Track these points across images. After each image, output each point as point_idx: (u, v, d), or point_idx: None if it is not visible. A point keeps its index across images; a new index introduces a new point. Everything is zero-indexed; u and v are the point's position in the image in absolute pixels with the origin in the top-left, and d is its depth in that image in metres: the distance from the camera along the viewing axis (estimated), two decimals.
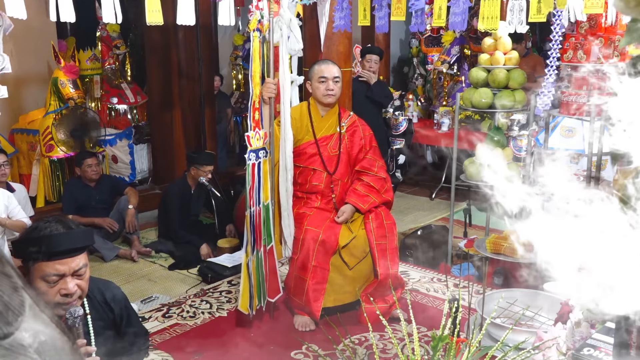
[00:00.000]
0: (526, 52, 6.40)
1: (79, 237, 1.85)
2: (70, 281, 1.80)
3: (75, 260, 1.81)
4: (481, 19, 3.32)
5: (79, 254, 1.83)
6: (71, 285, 1.80)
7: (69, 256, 1.80)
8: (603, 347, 1.60)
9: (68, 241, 1.80)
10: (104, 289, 2.07)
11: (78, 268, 1.82)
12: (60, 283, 1.79)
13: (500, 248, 3.60)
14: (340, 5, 4.08)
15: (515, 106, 4.08)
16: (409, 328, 1.84)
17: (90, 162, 4.95)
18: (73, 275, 1.81)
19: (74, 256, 1.81)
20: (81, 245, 1.85)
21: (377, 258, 3.49)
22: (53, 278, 1.78)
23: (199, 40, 5.91)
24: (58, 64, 5.45)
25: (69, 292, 1.80)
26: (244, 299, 3.39)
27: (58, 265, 1.78)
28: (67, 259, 1.79)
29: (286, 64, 3.41)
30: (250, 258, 3.33)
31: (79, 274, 1.83)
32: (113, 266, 4.64)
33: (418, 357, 1.70)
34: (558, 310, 2.70)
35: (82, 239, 1.86)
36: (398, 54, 8.67)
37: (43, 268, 1.77)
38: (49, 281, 1.78)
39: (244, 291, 3.38)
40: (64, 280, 1.79)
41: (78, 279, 1.83)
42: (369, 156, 3.72)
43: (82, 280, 1.85)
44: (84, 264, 1.84)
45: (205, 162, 4.88)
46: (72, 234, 1.83)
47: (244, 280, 3.37)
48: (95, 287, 2.03)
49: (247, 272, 3.35)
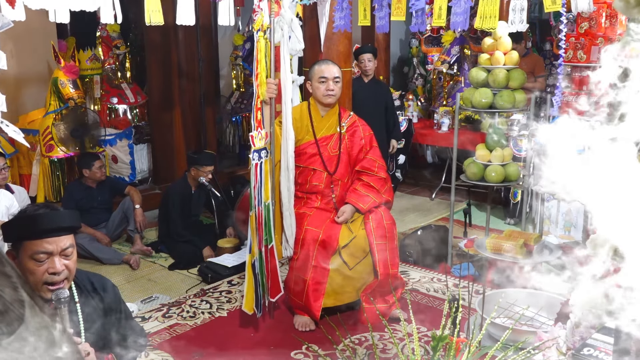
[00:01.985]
0: (526, 52, 6.39)
1: (66, 217, 1.94)
2: (57, 260, 1.88)
3: (62, 239, 1.89)
4: (479, 18, 3.33)
5: (66, 234, 1.92)
6: (59, 265, 1.87)
7: (56, 235, 1.88)
8: (603, 347, 1.60)
9: (55, 220, 1.89)
10: (93, 279, 2.13)
11: (65, 247, 1.90)
12: (48, 262, 1.87)
13: (500, 248, 3.60)
14: (340, 5, 4.08)
15: (515, 106, 4.08)
16: (409, 328, 1.84)
17: (99, 164, 5.00)
18: (60, 254, 1.89)
19: (61, 235, 1.89)
20: (68, 224, 1.93)
21: (377, 258, 3.49)
22: (41, 256, 1.86)
23: (199, 40, 5.91)
24: (58, 64, 5.45)
25: (56, 270, 1.87)
26: (248, 299, 3.39)
27: (46, 243, 1.86)
28: (54, 238, 1.87)
29: (287, 64, 3.41)
30: (256, 258, 3.33)
31: (66, 254, 1.91)
32: (113, 266, 4.64)
33: (418, 357, 1.70)
34: (558, 310, 2.70)
35: (68, 219, 1.95)
36: (398, 54, 8.66)
37: (31, 247, 1.85)
38: (37, 259, 1.86)
39: (248, 291, 3.38)
40: (52, 260, 1.87)
41: (65, 259, 1.90)
42: (369, 156, 3.72)
43: (70, 261, 1.92)
44: (70, 244, 1.92)
45: (206, 163, 4.88)
46: (59, 213, 1.93)
47: (249, 281, 3.37)
48: (85, 277, 2.10)
49: (253, 272, 3.35)
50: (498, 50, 4.11)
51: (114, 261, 4.67)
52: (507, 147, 4.29)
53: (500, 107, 4.06)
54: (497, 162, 4.11)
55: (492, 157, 4.12)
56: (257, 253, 3.33)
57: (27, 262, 1.86)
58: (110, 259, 4.68)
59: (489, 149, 4.16)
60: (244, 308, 3.41)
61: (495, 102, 4.07)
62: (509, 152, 4.22)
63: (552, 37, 7.56)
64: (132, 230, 5.00)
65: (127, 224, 5.04)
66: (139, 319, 3.64)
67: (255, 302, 3.39)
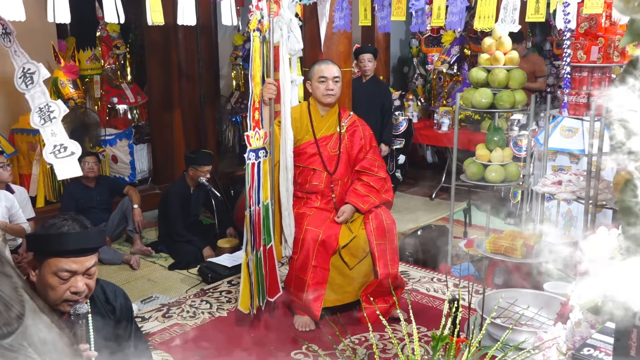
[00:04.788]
0: (526, 52, 6.39)
1: (95, 238, 1.91)
2: (80, 280, 1.85)
3: (88, 259, 1.86)
4: (477, 19, 3.33)
5: (92, 254, 1.89)
6: (81, 284, 1.84)
7: (84, 255, 1.85)
8: (603, 347, 1.60)
9: (85, 241, 1.86)
10: (107, 288, 2.11)
11: (90, 267, 1.87)
12: (72, 281, 1.83)
13: (500, 248, 3.60)
14: (340, 5, 4.08)
15: (515, 106, 4.08)
16: (409, 328, 1.84)
17: (88, 160, 4.96)
18: (84, 274, 1.86)
19: (88, 255, 1.86)
20: (96, 245, 1.91)
21: (377, 258, 3.49)
22: (65, 274, 1.82)
23: (199, 40, 5.90)
24: (58, 64, 5.45)
25: (78, 290, 1.84)
26: (244, 299, 3.39)
27: (72, 263, 1.82)
28: (81, 258, 1.84)
29: (286, 63, 3.41)
30: (250, 257, 3.34)
31: (89, 273, 1.88)
32: (113, 266, 4.64)
33: (418, 357, 1.70)
34: (558, 310, 2.70)
35: (97, 240, 1.92)
36: (398, 54, 8.66)
37: (57, 263, 1.81)
38: (60, 277, 1.82)
39: (244, 290, 3.39)
40: (75, 279, 1.84)
41: (88, 278, 1.88)
42: (369, 156, 3.72)
43: (91, 280, 1.89)
44: (94, 264, 1.90)
45: (204, 162, 4.87)
46: (89, 234, 1.89)
47: (244, 280, 3.37)
48: (99, 286, 2.06)
49: (247, 271, 3.36)
50: (498, 50, 4.11)
51: (114, 261, 4.67)
52: (507, 147, 4.29)
53: (500, 107, 4.06)
54: (497, 162, 4.11)
55: (492, 157, 4.12)
56: (251, 253, 3.34)
57: (50, 277, 1.82)
58: (111, 259, 4.68)
59: (489, 149, 4.16)
60: (239, 307, 3.42)
61: (495, 102, 4.07)
62: (509, 152, 4.22)
63: (552, 37, 7.56)
64: (131, 230, 5.00)
65: (126, 224, 5.04)
66: (139, 319, 3.64)
67: (249, 301, 3.40)
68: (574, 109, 3.91)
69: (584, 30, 3.91)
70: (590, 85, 3.88)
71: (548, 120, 4.17)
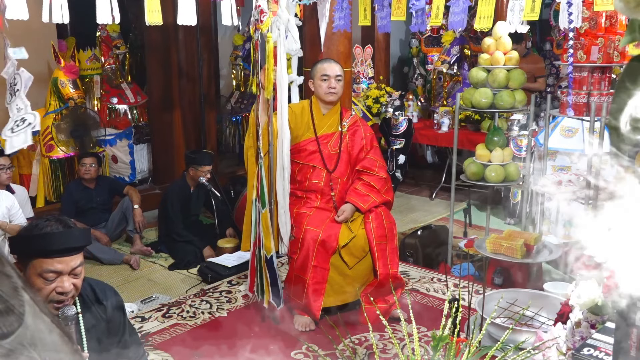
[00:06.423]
0: (526, 52, 6.40)
1: (79, 237, 1.88)
2: (66, 280, 1.83)
3: (73, 259, 1.84)
4: (478, 19, 3.33)
5: (77, 253, 1.86)
6: (67, 284, 1.83)
7: (68, 255, 1.82)
8: (603, 347, 1.60)
9: (68, 240, 1.83)
10: (96, 287, 2.08)
11: (75, 266, 1.85)
12: (57, 281, 1.82)
13: (500, 248, 3.60)
14: (340, 5, 4.08)
15: (515, 106, 4.08)
16: (409, 328, 1.84)
17: (86, 161, 4.97)
18: (70, 274, 1.84)
19: (73, 255, 1.84)
20: (80, 244, 1.88)
21: (377, 258, 3.49)
22: (51, 275, 1.81)
23: (199, 40, 5.90)
24: (58, 64, 5.45)
25: (64, 290, 1.82)
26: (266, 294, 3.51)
27: (57, 263, 1.80)
28: (66, 258, 1.82)
29: (284, 63, 3.41)
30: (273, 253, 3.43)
31: (75, 273, 1.86)
32: (113, 266, 4.64)
33: (418, 357, 1.70)
34: (558, 310, 2.70)
35: (81, 239, 1.89)
36: (398, 54, 8.67)
37: (41, 264, 1.79)
38: (46, 278, 1.80)
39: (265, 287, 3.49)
40: (61, 279, 1.82)
41: (74, 278, 1.86)
42: (369, 156, 3.72)
43: (78, 279, 1.88)
44: (80, 263, 1.87)
45: (204, 162, 4.87)
46: (72, 232, 1.86)
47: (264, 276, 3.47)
48: (87, 285, 2.04)
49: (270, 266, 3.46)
50: (498, 50, 4.12)
51: (114, 261, 4.67)
52: (507, 147, 4.29)
53: (500, 107, 4.06)
54: (497, 162, 4.11)
55: (492, 157, 4.12)
56: (273, 249, 3.42)
57: (35, 279, 1.80)
58: (111, 259, 4.68)
59: (489, 149, 4.16)
60: (265, 304, 3.51)
61: (495, 102, 4.07)
62: (509, 152, 4.22)
63: (552, 37, 7.56)
64: (131, 230, 5.00)
65: (126, 224, 5.03)
66: (139, 319, 3.64)
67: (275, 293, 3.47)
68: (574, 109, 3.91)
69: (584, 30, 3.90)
70: (590, 85, 3.88)
71: (548, 120, 4.17)
